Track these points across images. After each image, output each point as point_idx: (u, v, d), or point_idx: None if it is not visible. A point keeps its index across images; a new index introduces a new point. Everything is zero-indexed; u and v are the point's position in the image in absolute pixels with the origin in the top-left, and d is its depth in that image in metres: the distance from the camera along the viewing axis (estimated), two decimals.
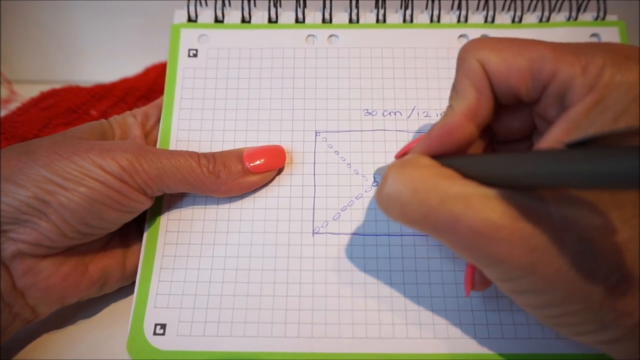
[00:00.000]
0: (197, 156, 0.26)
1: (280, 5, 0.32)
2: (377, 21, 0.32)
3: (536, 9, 0.32)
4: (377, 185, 0.26)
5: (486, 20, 0.32)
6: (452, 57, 0.31)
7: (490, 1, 0.32)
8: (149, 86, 0.38)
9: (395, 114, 0.30)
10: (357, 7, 0.32)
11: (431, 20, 0.32)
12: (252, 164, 0.27)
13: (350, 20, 0.32)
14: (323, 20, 0.32)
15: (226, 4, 0.32)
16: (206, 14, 0.32)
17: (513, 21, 0.32)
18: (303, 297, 0.26)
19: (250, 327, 0.25)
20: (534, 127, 0.22)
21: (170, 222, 0.27)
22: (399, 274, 0.26)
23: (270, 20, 0.32)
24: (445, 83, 0.30)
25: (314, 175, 0.28)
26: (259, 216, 0.27)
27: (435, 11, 0.32)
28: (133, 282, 0.26)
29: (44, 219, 0.22)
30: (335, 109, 0.30)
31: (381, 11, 0.32)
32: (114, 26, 0.42)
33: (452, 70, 0.30)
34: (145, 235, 0.27)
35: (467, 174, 0.18)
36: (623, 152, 0.12)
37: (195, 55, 0.31)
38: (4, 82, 0.41)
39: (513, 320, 0.25)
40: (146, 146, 0.25)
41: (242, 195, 0.28)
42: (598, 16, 0.32)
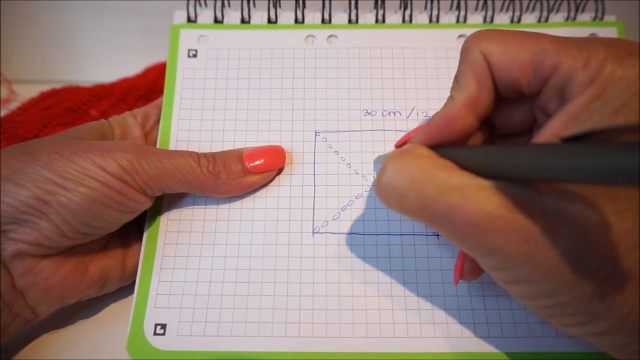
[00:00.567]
0: (197, 156, 0.26)
1: (280, 5, 0.32)
2: (377, 21, 0.32)
3: (535, 9, 0.33)
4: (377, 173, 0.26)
5: (485, 21, 0.32)
6: (451, 57, 0.31)
7: (489, 1, 0.32)
8: (149, 86, 0.39)
9: (394, 114, 0.30)
10: (356, 7, 0.32)
11: (430, 21, 0.32)
12: (252, 164, 0.27)
13: (350, 21, 0.32)
14: (322, 20, 0.32)
15: (226, 4, 0.32)
16: (206, 15, 0.32)
17: (512, 21, 0.32)
18: (303, 297, 0.26)
19: (250, 327, 0.25)
20: (535, 121, 0.22)
21: (170, 222, 0.27)
22: (399, 273, 0.26)
23: (269, 21, 0.32)
24: (444, 83, 0.30)
25: (314, 175, 0.28)
26: (259, 216, 0.27)
27: (435, 11, 0.32)
28: (133, 282, 0.26)
29: (44, 219, 0.22)
30: (335, 109, 0.30)
31: (380, 11, 0.32)
32: (114, 26, 0.42)
33: (451, 70, 0.30)
34: (145, 235, 0.27)
35: (464, 165, 0.18)
36: (620, 147, 0.12)
37: (195, 56, 0.31)
38: (4, 82, 0.41)
39: (513, 319, 0.25)
40: (146, 146, 0.25)
41: (242, 195, 0.28)
42: (596, 16, 0.32)
